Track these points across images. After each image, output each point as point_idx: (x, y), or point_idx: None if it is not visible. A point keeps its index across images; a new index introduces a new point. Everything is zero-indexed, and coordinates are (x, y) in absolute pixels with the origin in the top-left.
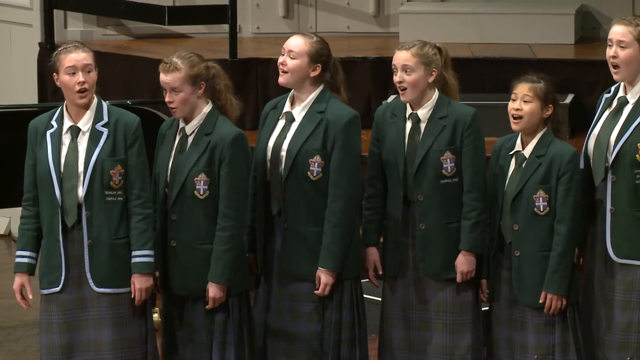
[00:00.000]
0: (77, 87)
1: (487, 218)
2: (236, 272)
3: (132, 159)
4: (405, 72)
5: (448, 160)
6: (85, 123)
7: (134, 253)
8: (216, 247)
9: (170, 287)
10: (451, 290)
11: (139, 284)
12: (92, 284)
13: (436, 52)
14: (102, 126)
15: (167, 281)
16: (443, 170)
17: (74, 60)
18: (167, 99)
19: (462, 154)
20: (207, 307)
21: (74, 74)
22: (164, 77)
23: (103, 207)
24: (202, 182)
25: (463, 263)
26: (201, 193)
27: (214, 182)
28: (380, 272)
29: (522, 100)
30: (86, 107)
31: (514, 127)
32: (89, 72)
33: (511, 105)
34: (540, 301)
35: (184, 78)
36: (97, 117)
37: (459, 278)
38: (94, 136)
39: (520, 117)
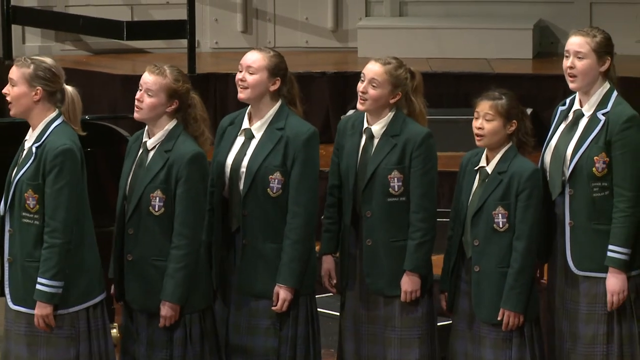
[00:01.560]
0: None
1: (433, 238)
2: (192, 290)
3: (48, 186)
4: (372, 85)
5: (395, 179)
6: (29, 142)
7: (37, 279)
8: (169, 265)
9: (127, 302)
10: (398, 306)
11: (37, 310)
12: (9, 301)
13: (408, 77)
14: (36, 147)
15: (124, 296)
16: (390, 189)
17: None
18: (137, 96)
19: (410, 174)
20: (159, 325)
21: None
22: (146, 76)
23: (20, 228)
24: (157, 198)
25: (407, 283)
26: (156, 209)
27: (170, 199)
28: (335, 282)
29: (484, 118)
30: (32, 124)
31: (477, 143)
32: (13, 85)
33: (474, 123)
34: (498, 318)
35: (164, 86)
36: (38, 137)
37: (402, 297)
38: (27, 157)
39: (482, 136)
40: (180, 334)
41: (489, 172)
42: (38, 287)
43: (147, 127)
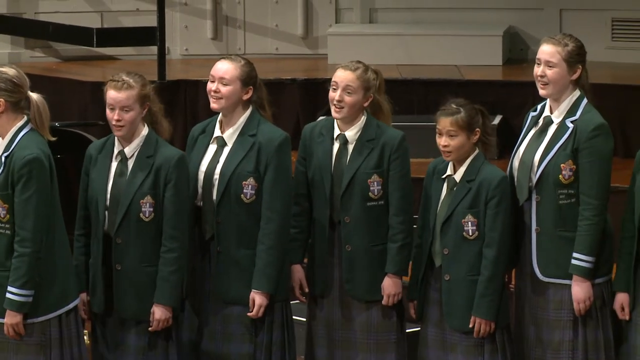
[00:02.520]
0: None
1: (412, 241)
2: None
3: (16, 196)
4: (347, 92)
5: (375, 183)
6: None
7: (7, 288)
8: (163, 268)
9: (110, 309)
10: (376, 311)
11: (7, 319)
12: None
13: (375, 77)
14: (5, 157)
15: (107, 304)
16: (370, 193)
17: None
18: (115, 117)
19: (389, 177)
20: (150, 329)
21: None
22: (116, 95)
23: None
24: (147, 204)
25: (390, 286)
26: (147, 215)
27: (159, 204)
28: (307, 290)
29: (447, 135)
30: (0, 134)
31: (446, 159)
32: None
33: (438, 140)
34: (470, 326)
35: (136, 97)
36: (7, 146)
37: (385, 301)
38: None
39: (450, 152)
40: (162, 339)
41: (457, 180)
42: (8, 295)
43: (115, 136)
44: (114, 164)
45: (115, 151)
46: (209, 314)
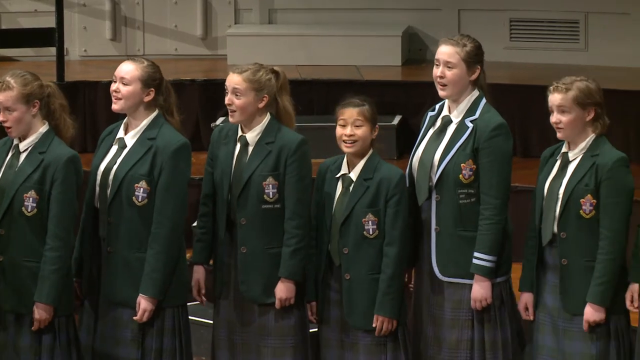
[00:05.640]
0: None
1: (307, 245)
2: (63, 293)
3: None
4: (236, 95)
5: (270, 185)
6: None
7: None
8: (44, 266)
9: None
10: (273, 314)
11: None
12: None
13: (271, 78)
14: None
15: None
16: (265, 196)
17: None
18: (1, 118)
19: (285, 181)
20: (32, 328)
21: None
22: None
23: None
24: (31, 199)
25: (282, 290)
26: (29, 210)
27: (43, 200)
28: (203, 292)
29: (354, 125)
30: None
31: (347, 151)
32: None
33: (341, 131)
34: (373, 325)
35: (16, 97)
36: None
37: (277, 304)
38: None
39: (355, 142)
40: (49, 339)
41: (354, 179)
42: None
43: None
44: (8, 157)
45: (13, 145)
46: (101, 316)
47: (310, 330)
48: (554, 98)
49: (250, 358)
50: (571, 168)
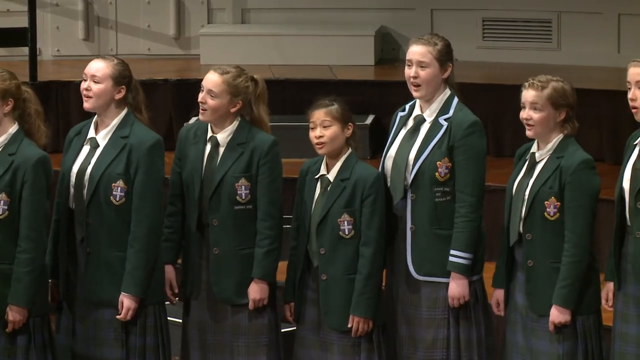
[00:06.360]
0: None
1: (280, 246)
2: (37, 294)
3: None
4: (210, 95)
5: (243, 187)
6: None
7: None
8: (17, 269)
9: None
10: (246, 314)
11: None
12: None
13: (249, 85)
14: None
15: None
16: (237, 197)
17: None
18: None
19: (257, 182)
20: (7, 330)
21: None
22: None
23: None
24: (2, 201)
25: (255, 291)
26: (0, 213)
27: (14, 202)
28: (176, 291)
29: (322, 126)
30: None
31: (320, 152)
32: None
33: (312, 133)
34: (349, 325)
35: None
36: None
37: (250, 305)
38: None
39: (324, 143)
40: (23, 341)
41: (331, 179)
42: None
43: None
44: None
45: None
46: (81, 317)
47: (283, 330)
48: (528, 94)
49: (224, 357)
50: (537, 169)
